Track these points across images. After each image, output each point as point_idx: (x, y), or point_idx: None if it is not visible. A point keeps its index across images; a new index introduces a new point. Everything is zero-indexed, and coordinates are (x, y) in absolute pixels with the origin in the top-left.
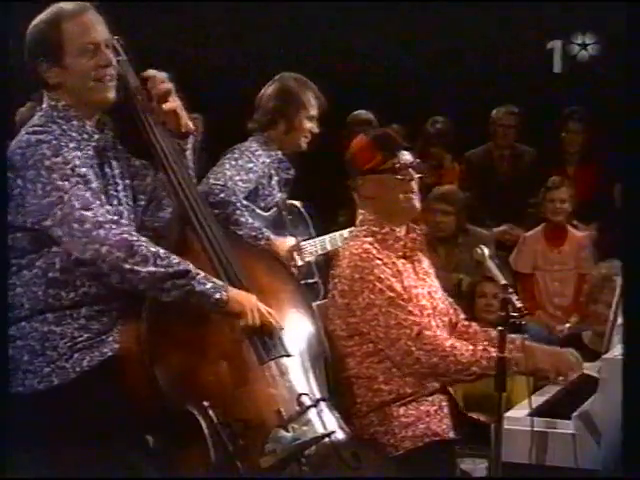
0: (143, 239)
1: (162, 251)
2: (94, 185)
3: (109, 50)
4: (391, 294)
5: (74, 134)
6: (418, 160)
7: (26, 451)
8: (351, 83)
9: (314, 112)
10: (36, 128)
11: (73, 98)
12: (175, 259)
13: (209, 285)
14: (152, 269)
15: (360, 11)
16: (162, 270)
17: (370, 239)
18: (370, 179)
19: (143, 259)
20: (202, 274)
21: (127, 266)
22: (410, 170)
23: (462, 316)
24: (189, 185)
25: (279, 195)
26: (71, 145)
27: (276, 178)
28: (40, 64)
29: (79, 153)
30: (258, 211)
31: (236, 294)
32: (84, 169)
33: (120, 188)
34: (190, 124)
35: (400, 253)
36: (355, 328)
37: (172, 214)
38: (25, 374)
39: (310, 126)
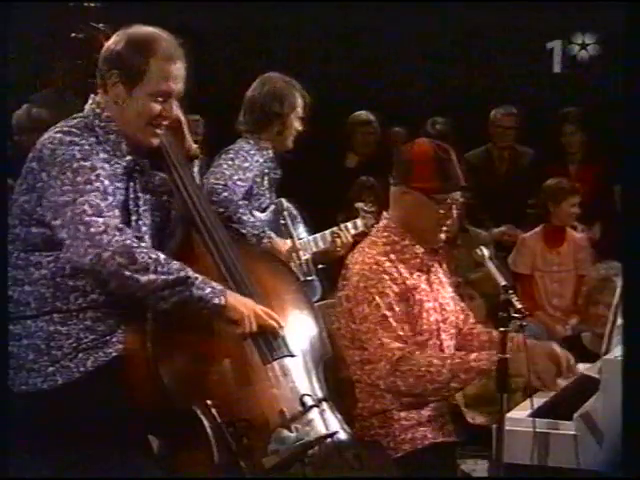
0: (144, 245)
1: (163, 257)
2: (111, 199)
3: (176, 102)
4: (386, 312)
5: (108, 148)
6: (462, 200)
7: (28, 450)
8: (352, 84)
9: (302, 112)
10: (73, 129)
11: (121, 118)
12: (175, 265)
13: (208, 290)
14: (152, 277)
15: (361, 12)
16: (162, 278)
17: (387, 248)
18: (415, 195)
19: (144, 267)
20: (201, 278)
21: (127, 273)
22: (453, 207)
23: (471, 320)
24: (192, 184)
25: (269, 195)
26: (102, 156)
27: (267, 178)
28: (111, 74)
29: (107, 166)
30: (254, 212)
31: (234, 300)
32: (107, 182)
33: (141, 203)
34: (195, 148)
35: (415, 267)
36: (355, 334)
37: (176, 214)
38: (29, 373)
39: (297, 125)
